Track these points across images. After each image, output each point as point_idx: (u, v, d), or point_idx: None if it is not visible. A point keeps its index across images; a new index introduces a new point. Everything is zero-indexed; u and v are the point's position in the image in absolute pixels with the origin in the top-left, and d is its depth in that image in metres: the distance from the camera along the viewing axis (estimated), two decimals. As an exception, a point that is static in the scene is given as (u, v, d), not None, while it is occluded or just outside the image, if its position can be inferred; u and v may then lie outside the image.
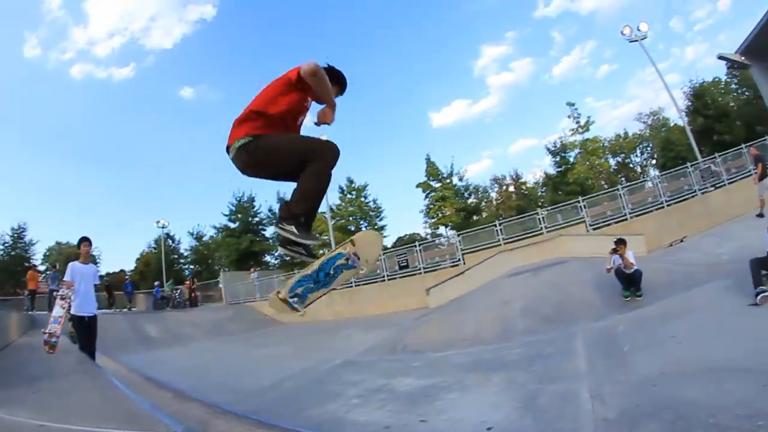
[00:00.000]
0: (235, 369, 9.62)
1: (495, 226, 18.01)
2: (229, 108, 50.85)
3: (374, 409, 5.16)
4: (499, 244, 17.05)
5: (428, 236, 36.78)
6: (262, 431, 3.80)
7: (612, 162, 42.60)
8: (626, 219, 16.09)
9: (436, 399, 5.28)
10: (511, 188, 44.49)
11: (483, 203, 43.27)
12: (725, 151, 17.77)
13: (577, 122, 36.60)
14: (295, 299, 3.00)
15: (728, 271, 7.63)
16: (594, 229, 16.26)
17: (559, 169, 36.16)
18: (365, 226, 36.23)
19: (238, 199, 37.67)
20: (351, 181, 38.80)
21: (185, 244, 43.85)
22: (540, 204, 36.01)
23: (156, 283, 27.68)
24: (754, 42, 18.72)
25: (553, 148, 36.73)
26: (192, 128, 61.21)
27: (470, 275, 14.11)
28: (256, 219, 38.08)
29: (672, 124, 38.05)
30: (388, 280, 18.84)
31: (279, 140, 2.72)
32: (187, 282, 27.55)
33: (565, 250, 13.40)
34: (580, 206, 16.70)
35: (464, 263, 17.15)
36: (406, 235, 42.62)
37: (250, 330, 16.99)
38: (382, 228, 37.79)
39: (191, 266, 41.52)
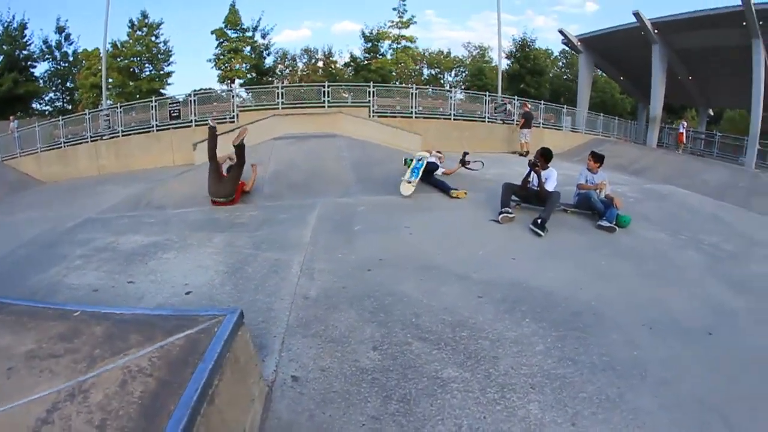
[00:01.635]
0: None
1: (277, 88, 16.81)
2: None
3: (92, 270, 5.00)
4: (277, 108, 16.04)
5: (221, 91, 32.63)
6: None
7: (426, 73, 44.60)
8: (411, 117, 16.55)
9: (153, 258, 5.26)
10: (320, 63, 43.11)
11: (287, 70, 41.92)
12: (525, 98, 20.21)
13: (400, 17, 36.71)
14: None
15: (486, 188, 8.15)
16: (379, 116, 16.37)
17: (367, 56, 36.53)
18: (150, 70, 32.87)
19: (3, 24, 28.70)
20: (145, 16, 32.08)
21: None
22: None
23: None
24: (596, 39, 23.46)
25: (368, 34, 36.83)
26: None
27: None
28: (25, 52, 30.00)
29: (492, 65, 40.98)
30: (158, 131, 16.54)
31: None
32: None
33: (341, 128, 13.05)
34: (370, 91, 16.47)
35: (238, 121, 15.96)
36: (201, 89, 37.50)
37: (7, 195, 14.09)
38: (168, 74, 33.76)
39: None
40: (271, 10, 61.33)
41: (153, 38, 32.57)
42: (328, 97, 16.11)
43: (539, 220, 6.24)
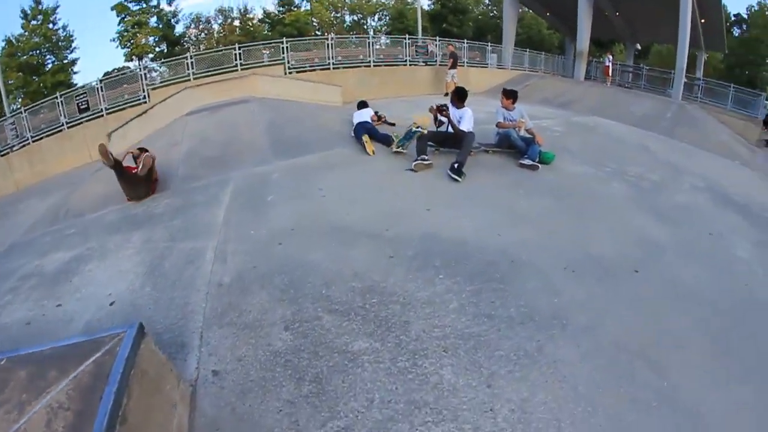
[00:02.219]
0: None
1: (186, 59, 15.16)
2: None
3: (22, 302, 4.49)
4: (189, 80, 14.70)
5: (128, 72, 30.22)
6: None
7: (348, 20, 43.80)
8: (329, 69, 15.72)
9: (76, 273, 4.82)
10: (237, 23, 40.52)
11: (203, 35, 39.79)
12: (448, 38, 19.73)
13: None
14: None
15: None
16: (297, 71, 15.49)
17: (282, 9, 34.82)
18: (52, 62, 29.86)
19: None
20: (38, 2, 28.77)
21: None
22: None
23: None
24: None
25: None
26: None
27: (154, 114, 12.19)
28: None
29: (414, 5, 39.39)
30: (69, 128, 14.69)
31: None
32: None
33: (257, 90, 12.26)
34: (283, 47, 15.37)
35: (149, 100, 14.50)
36: (115, 69, 34.37)
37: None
38: (73, 63, 30.49)
39: None
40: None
41: (50, 26, 29.42)
42: (241, 59, 15.01)
43: (456, 165, 6.03)
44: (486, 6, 43.60)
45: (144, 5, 31.81)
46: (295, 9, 35.33)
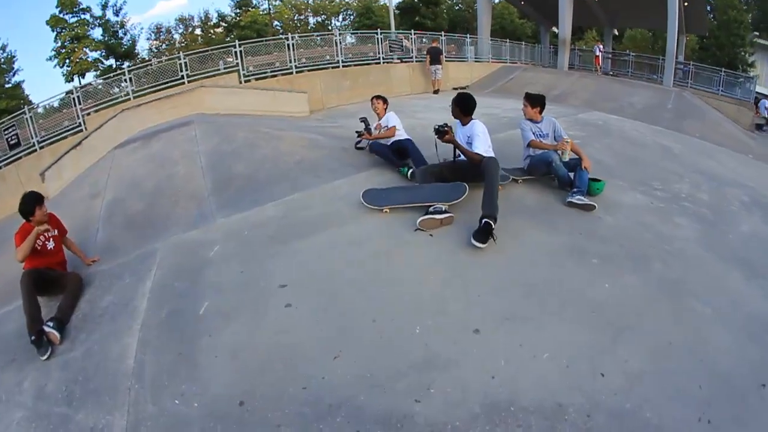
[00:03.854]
0: None
1: (124, 74, 12.78)
2: None
3: None
4: (129, 98, 12.35)
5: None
6: None
7: (312, 21, 42.33)
8: (292, 73, 13.55)
9: None
10: (198, 31, 39.07)
11: (164, 45, 37.70)
12: (423, 32, 18.31)
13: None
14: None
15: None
16: (257, 79, 13.29)
17: (238, 11, 32.52)
18: None
19: None
20: None
21: None
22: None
23: None
24: None
25: None
26: None
27: (90, 145, 9.92)
28: None
29: (381, 3, 38.58)
30: (1, 167, 12.38)
31: None
32: None
33: (205, 105, 10.15)
34: (236, 52, 13.01)
35: (86, 128, 12.12)
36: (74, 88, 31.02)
37: None
38: (17, 85, 27.19)
39: None
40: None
41: None
42: (187, 69, 12.57)
43: (483, 222, 3.92)
44: (447, 1, 41.67)
45: (81, 16, 28.39)
46: (252, 9, 32.74)
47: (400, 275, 3.74)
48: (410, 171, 5.35)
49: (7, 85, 26.71)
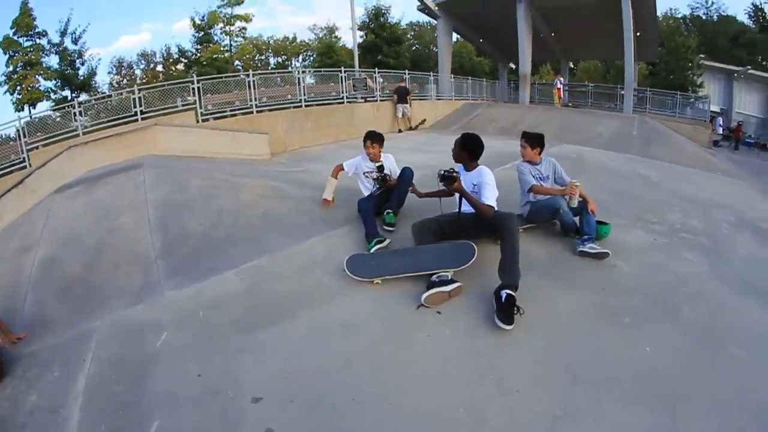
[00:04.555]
0: None
1: (73, 108, 11.55)
2: None
3: None
4: (77, 134, 11.20)
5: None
6: None
7: (273, 62, 42.63)
8: (252, 112, 12.70)
9: None
10: (159, 67, 37.91)
11: (125, 80, 37.56)
12: (386, 70, 18.27)
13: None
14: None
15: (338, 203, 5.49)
16: (216, 118, 12.34)
17: (198, 47, 31.87)
18: None
19: None
20: None
21: None
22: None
23: None
24: (454, 2, 22.12)
25: (199, 22, 32.05)
26: None
27: (33, 183, 8.93)
28: None
29: (341, 45, 39.34)
30: None
31: None
32: None
33: (158, 146, 9.39)
34: (194, 88, 12.06)
35: (29, 165, 10.95)
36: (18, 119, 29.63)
37: None
38: None
39: None
40: (107, 14, 53.71)
41: None
42: (141, 105, 11.50)
43: (504, 294, 3.18)
44: (408, 40, 42.35)
45: (37, 40, 26.80)
46: (213, 45, 32.01)
47: (413, 375, 2.90)
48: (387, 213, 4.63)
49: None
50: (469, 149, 4.12)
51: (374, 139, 5.11)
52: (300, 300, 3.66)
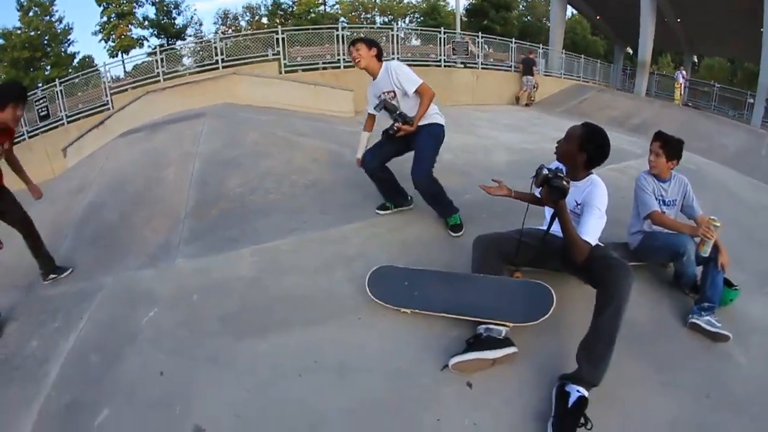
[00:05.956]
0: None
1: (156, 55, 11.96)
2: None
3: None
4: (159, 80, 11.71)
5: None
6: None
7: (379, 21, 40.86)
8: (339, 67, 12.00)
9: None
10: (264, 20, 38.61)
11: (231, 30, 36.62)
12: (490, 36, 16.98)
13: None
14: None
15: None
16: (303, 70, 11.89)
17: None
18: (50, 56, 25.90)
19: None
20: None
21: None
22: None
23: None
24: None
25: None
26: None
27: (111, 125, 9.28)
28: None
29: (449, 9, 37.37)
30: (30, 137, 12.15)
31: None
32: None
33: (237, 95, 9.00)
34: (278, 38, 11.55)
35: (113, 107, 11.62)
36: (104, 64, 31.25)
37: None
38: (72, 57, 27.21)
39: None
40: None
41: (47, 18, 26.00)
42: (223, 54, 11.35)
43: (573, 394, 2.08)
44: (520, 11, 39.35)
45: None
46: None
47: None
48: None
49: (62, 55, 26.83)
50: (590, 152, 2.54)
51: (355, 42, 3.53)
52: (302, 310, 2.86)
